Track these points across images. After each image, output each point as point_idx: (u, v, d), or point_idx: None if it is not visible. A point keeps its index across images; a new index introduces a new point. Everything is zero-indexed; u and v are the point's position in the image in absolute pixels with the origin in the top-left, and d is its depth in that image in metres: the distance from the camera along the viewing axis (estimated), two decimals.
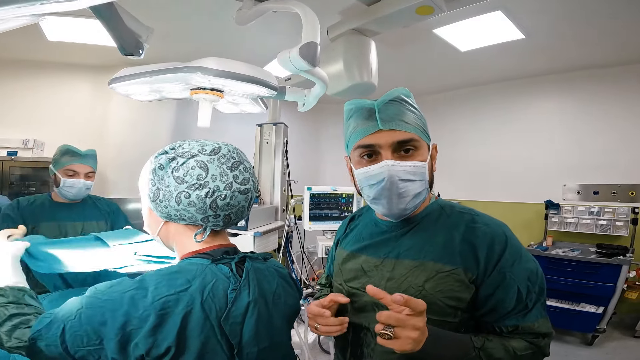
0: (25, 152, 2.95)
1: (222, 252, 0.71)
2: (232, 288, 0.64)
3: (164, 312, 0.56)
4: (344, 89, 1.93)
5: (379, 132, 0.74)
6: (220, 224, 0.71)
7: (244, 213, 0.72)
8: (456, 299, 0.71)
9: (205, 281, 0.62)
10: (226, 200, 0.67)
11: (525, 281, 0.70)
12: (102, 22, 1.10)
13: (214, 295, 0.61)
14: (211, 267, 0.66)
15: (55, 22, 2.34)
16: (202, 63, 0.99)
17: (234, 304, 0.63)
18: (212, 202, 0.67)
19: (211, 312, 0.60)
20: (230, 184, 0.68)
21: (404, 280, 0.74)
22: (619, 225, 3.05)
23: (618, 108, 3.22)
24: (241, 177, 0.70)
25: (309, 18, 1.06)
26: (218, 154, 0.70)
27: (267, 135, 2.63)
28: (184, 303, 0.58)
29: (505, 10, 2.19)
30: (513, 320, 0.70)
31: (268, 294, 0.72)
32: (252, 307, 0.66)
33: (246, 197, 0.71)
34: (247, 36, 2.62)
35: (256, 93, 1.20)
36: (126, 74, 1.08)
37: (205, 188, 0.66)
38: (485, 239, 0.72)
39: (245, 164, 0.73)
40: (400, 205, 0.75)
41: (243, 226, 2.12)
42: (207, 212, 0.67)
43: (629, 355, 2.61)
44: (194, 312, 0.58)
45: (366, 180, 0.77)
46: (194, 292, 0.60)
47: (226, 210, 0.69)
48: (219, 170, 0.68)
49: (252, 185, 0.72)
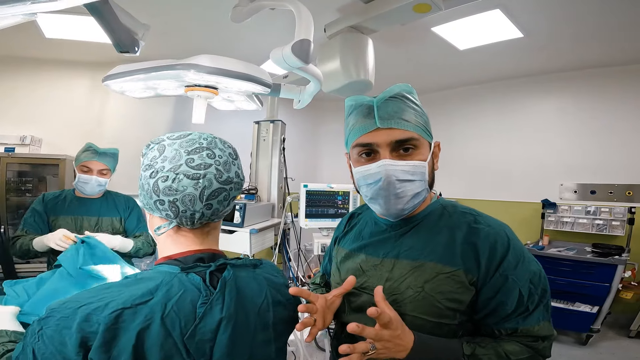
0: (23, 149, 2.94)
1: (195, 258, 0.63)
2: (202, 301, 0.57)
3: (117, 326, 0.50)
4: (340, 87, 1.93)
5: (377, 131, 0.72)
6: (171, 215, 0.62)
7: (195, 203, 0.60)
8: (456, 301, 0.69)
9: (171, 293, 0.55)
10: (167, 182, 0.59)
11: (527, 283, 0.69)
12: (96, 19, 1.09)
13: (179, 310, 0.55)
14: (180, 276, 0.59)
15: (52, 19, 2.34)
16: (196, 60, 0.99)
17: (202, 320, 0.56)
18: (154, 184, 0.60)
19: (174, 328, 0.54)
20: (177, 166, 0.60)
21: (403, 281, 0.73)
22: (615, 225, 3.05)
23: (616, 108, 3.22)
24: (197, 162, 0.61)
25: (302, 15, 1.06)
26: (184, 138, 0.64)
27: (264, 133, 2.63)
28: (141, 317, 0.52)
29: (504, 8, 2.18)
30: (513, 323, 0.69)
31: (251, 307, 0.65)
32: (226, 324, 0.58)
33: (196, 183, 0.60)
34: (245, 34, 2.61)
35: (250, 90, 1.20)
36: (120, 71, 1.08)
37: (151, 169, 0.61)
38: (488, 240, 0.71)
39: (216, 151, 0.64)
40: (398, 205, 0.74)
41: (239, 223, 2.12)
42: (152, 196, 0.61)
43: (623, 355, 2.62)
44: (153, 328, 0.52)
45: (363, 179, 0.75)
46: (155, 305, 0.53)
47: (169, 196, 0.60)
48: (174, 153, 0.62)
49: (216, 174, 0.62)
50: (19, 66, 3.08)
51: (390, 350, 0.64)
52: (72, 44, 2.72)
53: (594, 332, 2.73)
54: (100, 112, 3.27)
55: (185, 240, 0.65)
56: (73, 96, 3.24)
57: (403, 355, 0.65)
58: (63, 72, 3.20)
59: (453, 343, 0.68)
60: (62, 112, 3.17)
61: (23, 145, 2.94)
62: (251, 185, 2.59)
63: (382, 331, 0.63)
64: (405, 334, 0.65)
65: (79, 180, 1.66)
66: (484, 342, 0.69)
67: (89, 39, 2.59)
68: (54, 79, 3.19)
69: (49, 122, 3.11)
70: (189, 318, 0.55)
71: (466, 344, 0.68)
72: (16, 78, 3.09)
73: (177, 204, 0.60)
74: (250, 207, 2.19)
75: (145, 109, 3.31)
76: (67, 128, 3.11)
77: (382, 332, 0.63)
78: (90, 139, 1.90)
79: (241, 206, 2.13)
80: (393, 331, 0.63)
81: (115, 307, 0.51)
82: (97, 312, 0.50)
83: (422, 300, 0.70)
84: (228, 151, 0.66)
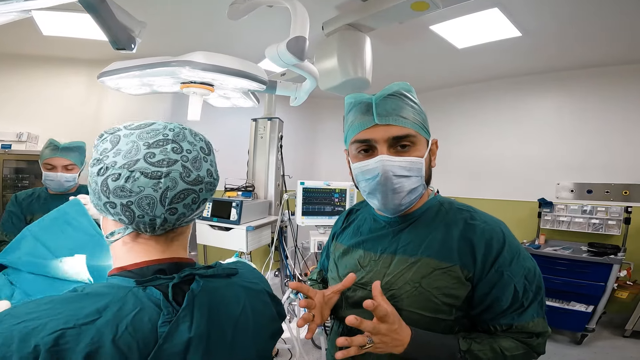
0: (19, 146, 2.94)
1: (153, 270, 0.54)
2: (163, 320, 0.49)
3: (59, 348, 0.43)
4: (337, 84, 1.93)
5: (375, 127, 0.74)
6: (125, 220, 0.52)
7: (155, 208, 0.50)
8: (452, 296, 0.71)
9: (123, 311, 0.48)
10: (119, 181, 0.49)
11: (522, 279, 0.70)
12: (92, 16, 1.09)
13: (135, 330, 0.47)
14: (136, 291, 0.51)
15: (49, 17, 2.33)
16: (190, 57, 0.99)
17: (166, 341, 0.48)
18: (102, 183, 0.50)
19: (131, 351, 0.46)
20: (134, 161, 0.50)
21: (400, 277, 0.74)
22: (611, 224, 3.06)
23: (613, 107, 3.22)
24: (159, 157, 0.51)
25: (298, 12, 1.06)
26: (145, 128, 0.54)
27: (261, 130, 2.63)
28: (87, 339, 0.44)
29: (502, 7, 2.17)
30: (508, 319, 0.70)
31: (227, 321, 0.57)
32: (196, 344, 0.51)
33: (156, 184, 0.50)
34: (242, 32, 2.60)
35: (246, 87, 1.20)
36: (115, 67, 1.08)
37: (100, 164, 0.51)
38: (484, 236, 0.72)
39: (184, 145, 0.54)
40: (395, 200, 0.75)
41: (236, 220, 2.12)
42: (101, 197, 0.51)
43: (618, 354, 2.63)
44: (102, 352, 0.44)
45: (362, 174, 0.77)
46: (103, 325, 0.45)
47: (121, 198, 0.50)
48: (131, 145, 0.51)
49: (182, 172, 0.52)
50: (16, 63, 3.07)
51: (387, 344, 0.65)
52: (69, 42, 2.71)
53: (589, 331, 2.74)
54: (97, 109, 3.26)
55: (144, 249, 0.55)
56: (70, 93, 3.23)
57: (400, 350, 0.66)
58: (60, 69, 3.19)
59: (449, 339, 0.69)
60: (58, 109, 3.17)
61: (19, 142, 2.94)
62: (248, 183, 2.59)
63: (379, 325, 0.64)
64: (402, 329, 0.66)
65: (46, 178, 1.64)
66: (480, 337, 0.70)
67: (86, 36, 2.58)
68: (51, 76, 3.18)
69: (45, 119, 3.11)
70: (149, 339, 0.48)
71: (462, 339, 0.69)
72: (13, 75, 3.08)
73: (132, 208, 0.50)
74: (246, 205, 2.19)
75: (142, 106, 3.31)
76: (63, 125, 3.10)
77: (379, 326, 0.64)
78: (86, 136, 1.89)
79: (238, 203, 2.13)
80: (390, 325, 0.64)
81: (56, 328, 0.44)
82: (35, 332, 0.43)
83: (419, 295, 0.71)
84: (199, 145, 0.56)
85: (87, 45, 2.77)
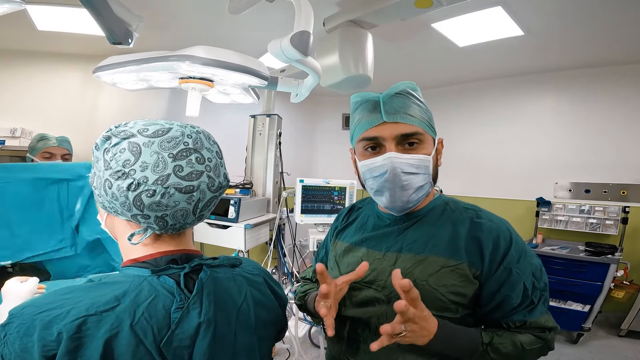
0: (13, 141, 2.88)
1: (167, 260, 0.57)
2: (176, 306, 0.53)
3: (81, 335, 0.46)
4: (338, 81, 1.90)
5: (383, 125, 0.74)
6: (155, 228, 0.55)
7: (188, 217, 0.55)
8: (459, 294, 0.71)
9: (140, 298, 0.51)
10: (155, 197, 0.51)
11: (530, 277, 0.71)
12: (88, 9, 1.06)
13: (150, 316, 0.50)
14: (151, 279, 0.54)
15: (45, 11, 2.29)
16: (191, 51, 0.96)
17: (178, 326, 0.52)
18: (135, 198, 0.52)
19: (147, 335, 0.49)
20: (165, 177, 0.52)
21: (407, 274, 0.74)
22: (608, 224, 3.08)
23: (612, 107, 3.22)
24: (187, 170, 0.53)
25: (302, 6, 1.03)
26: (162, 136, 0.54)
27: (260, 127, 2.60)
28: (107, 325, 0.47)
29: (506, 6, 2.16)
30: (520, 316, 0.70)
31: (231, 309, 0.59)
32: (205, 329, 0.54)
33: (190, 197, 0.53)
34: (243, 27, 2.57)
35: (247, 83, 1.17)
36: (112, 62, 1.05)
37: (128, 178, 0.52)
38: (491, 234, 0.72)
39: (204, 153, 0.56)
40: (403, 197, 0.75)
41: (234, 218, 2.09)
42: (132, 209, 0.53)
43: (613, 354, 2.65)
44: (121, 336, 0.48)
45: (369, 172, 0.76)
46: (122, 312, 0.49)
47: (156, 212, 0.53)
48: (156, 157, 0.52)
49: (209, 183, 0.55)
50: (10, 58, 3.01)
51: (415, 333, 0.62)
52: (64, 37, 2.67)
53: (585, 330, 2.76)
54: (93, 105, 3.22)
55: (158, 243, 0.59)
56: (65, 89, 3.18)
57: (425, 341, 0.64)
58: (55, 64, 3.14)
59: (473, 331, 0.70)
60: (53, 104, 3.12)
61: (13, 138, 2.89)
62: (246, 180, 2.56)
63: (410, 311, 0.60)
64: (431, 318, 0.65)
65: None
66: (500, 331, 0.71)
67: (82, 31, 2.54)
68: (46, 72, 3.12)
69: (40, 114, 3.06)
70: (162, 324, 0.51)
71: (484, 332, 0.70)
72: (7, 70, 3.03)
73: (167, 219, 0.54)
74: (245, 202, 2.16)
75: (139, 102, 3.26)
76: (58, 121, 3.06)
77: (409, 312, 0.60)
78: (82, 131, 1.87)
79: (236, 201, 2.11)
80: (420, 312, 0.62)
81: (78, 315, 0.46)
82: (57, 319, 0.46)
83: (426, 293, 0.70)
84: (215, 150, 0.59)
85: (83, 40, 2.73)
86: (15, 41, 2.85)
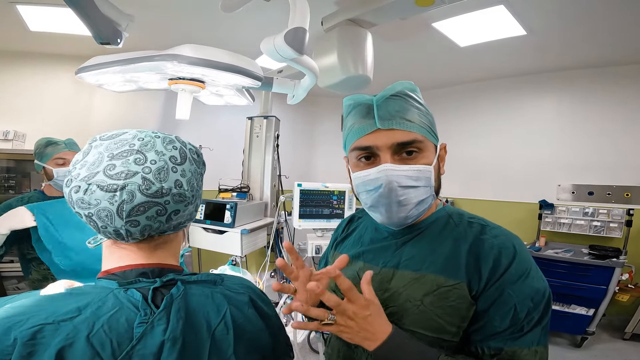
0: (6, 144, 2.84)
1: (136, 273, 0.55)
2: (139, 321, 0.51)
3: (35, 342, 0.46)
4: (337, 82, 1.84)
5: (378, 132, 0.67)
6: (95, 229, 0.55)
7: (113, 219, 0.51)
8: (457, 316, 0.64)
9: (101, 310, 0.50)
10: (79, 194, 0.51)
11: (527, 301, 0.62)
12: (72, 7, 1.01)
13: (110, 329, 0.49)
14: (117, 292, 0.53)
15: (37, 12, 2.24)
16: (177, 50, 0.90)
17: (139, 342, 0.50)
18: (68, 194, 0.53)
19: (104, 348, 0.48)
20: (93, 174, 0.51)
21: (402, 293, 0.68)
22: (612, 226, 3.03)
23: (615, 109, 3.18)
24: (118, 169, 0.51)
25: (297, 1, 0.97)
26: (114, 138, 0.55)
27: (257, 129, 2.54)
28: (63, 335, 0.47)
29: (508, 5, 2.11)
30: (499, 343, 0.61)
31: (204, 329, 0.56)
32: (170, 347, 0.51)
33: (112, 196, 0.50)
34: (239, 27, 2.51)
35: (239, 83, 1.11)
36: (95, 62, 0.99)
37: (69, 175, 0.53)
38: (492, 251, 0.65)
39: (149, 155, 0.53)
40: (401, 214, 0.69)
41: (230, 223, 2.04)
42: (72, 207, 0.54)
43: (617, 357, 2.61)
44: (76, 347, 0.47)
45: (363, 185, 0.70)
46: (80, 323, 0.48)
47: (83, 209, 0.52)
48: (97, 156, 0.53)
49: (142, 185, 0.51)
50: (2, 60, 2.96)
51: (354, 331, 0.59)
52: (57, 37, 2.62)
53: (589, 334, 2.72)
54: (86, 107, 3.17)
55: (126, 254, 0.57)
56: (58, 90, 3.12)
57: (371, 346, 0.60)
58: (48, 65, 3.09)
59: (429, 352, 0.62)
60: (46, 106, 3.07)
61: (6, 141, 2.84)
62: (243, 183, 2.51)
63: (346, 304, 0.58)
64: (378, 322, 0.60)
65: (58, 175, 1.54)
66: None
67: (74, 31, 2.50)
68: (38, 73, 3.07)
69: (33, 117, 3.00)
70: (123, 338, 0.49)
71: (444, 356, 0.61)
72: None
73: (94, 219, 0.52)
74: (241, 207, 2.10)
75: (133, 104, 3.21)
76: (52, 123, 3.00)
77: (345, 305, 0.58)
78: (75, 133, 1.80)
79: (232, 205, 2.05)
80: (360, 309, 0.58)
81: (36, 323, 0.47)
82: (17, 326, 0.46)
83: (421, 314, 0.65)
84: (169, 154, 0.55)
85: (76, 41, 2.68)
86: (6, 42, 2.81)
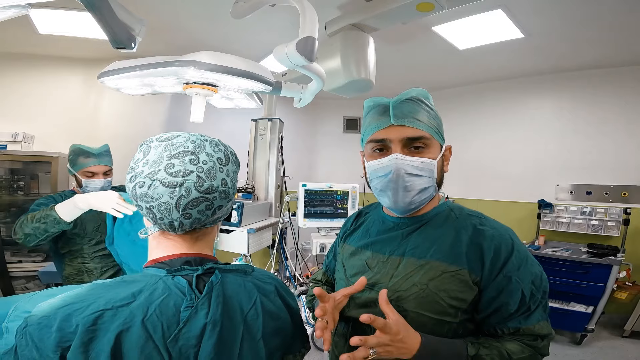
0: (15, 146, 2.88)
1: (182, 261, 0.61)
2: (186, 305, 0.56)
3: (96, 327, 0.50)
4: (340, 85, 1.90)
5: (391, 127, 0.77)
6: (150, 221, 0.60)
7: (172, 212, 0.57)
8: (459, 299, 0.72)
9: (154, 296, 0.55)
10: (143, 188, 0.57)
11: (529, 285, 0.72)
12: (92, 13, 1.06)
13: (161, 313, 0.53)
14: (166, 279, 0.58)
15: (46, 15, 2.29)
16: (196, 57, 0.96)
17: (185, 325, 0.55)
18: (133, 188, 0.58)
19: (156, 331, 0.52)
20: (156, 171, 0.57)
21: (408, 279, 0.76)
22: (610, 225, 3.08)
23: (613, 109, 3.23)
24: (177, 168, 0.57)
25: (307, 12, 1.03)
26: (170, 140, 0.61)
27: (262, 131, 2.59)
28: (121, 319, 0.51)
29: (506, 9, 2.17)
30: (515, 323, 0.71)
31: (238, 314, 0.61)
32: (211, 329, 0.56)
33: (172, 192, 0.56)
34: (244, 31, 2.57)
35: (251, 88, 1.17)
36: (116, 67, 1.04)
37: (132, 172, 0.59)
38: (493, 242, 0.74)
39: (201, 156, 0.59)
40: (406, 198, 0.77)
41: (236, 222, 2.09)
42: (134, 200, 0.60)
43: (617, 355, 2.65)
44: (132, 331, 0.51)
45: (375, 172, 0.79)
46: (136, 308, 0.52)
47: (146, 202, 0.58)
48: (157, 156, 0.58)
49: (197, 182, 0.57)
50: (12, 62, 3.01)
51: (393, 353, 0.66)
52: (66, 40, 2.66)
53: (589, 331, 2.76)
54: (94, 109, 3.21)
55: (172, 244, 0.63)
56: (67, 93, 3.17)
57: (408, 357, 0.67)
58: (56, 68, 3.13)
59: (458, 345, 0.70)
60: (55, 108, 3.11)
61: (15, 143, 2.88)
62: (248, 184, 2.56)
63: (382, 336, 0.65)
64: (409, 337, 0.67)
65: (87, 186, 1.64)
66: (487, 342, 0.71)
67: (83, 34, 2.54)
68: (47, 75, 3.12)
69: (41, 119, 3.05)
70: (171, 322, 0.54)
71: (470, 344, 0.70)
72: (8, 74, 3.02)
73: (154, 211, 0.58)
74: (247, 207, 2.16)
75: (140, 106, 3.26)
76: (60, 125, 3.05)
77: (381, 338, 0.65)
78: (83, 136, 1.86)
79: (239, 205, 2.10)
80: (393, 335, 0.65)
81: (96, 309, 0.51)
82: (77, 313, 0.50)
83: (426, 297, 0.73)
84: (217, 156, 0.62)
85: (84, 44, 2.73)
86: (16, 44, 2.85)
